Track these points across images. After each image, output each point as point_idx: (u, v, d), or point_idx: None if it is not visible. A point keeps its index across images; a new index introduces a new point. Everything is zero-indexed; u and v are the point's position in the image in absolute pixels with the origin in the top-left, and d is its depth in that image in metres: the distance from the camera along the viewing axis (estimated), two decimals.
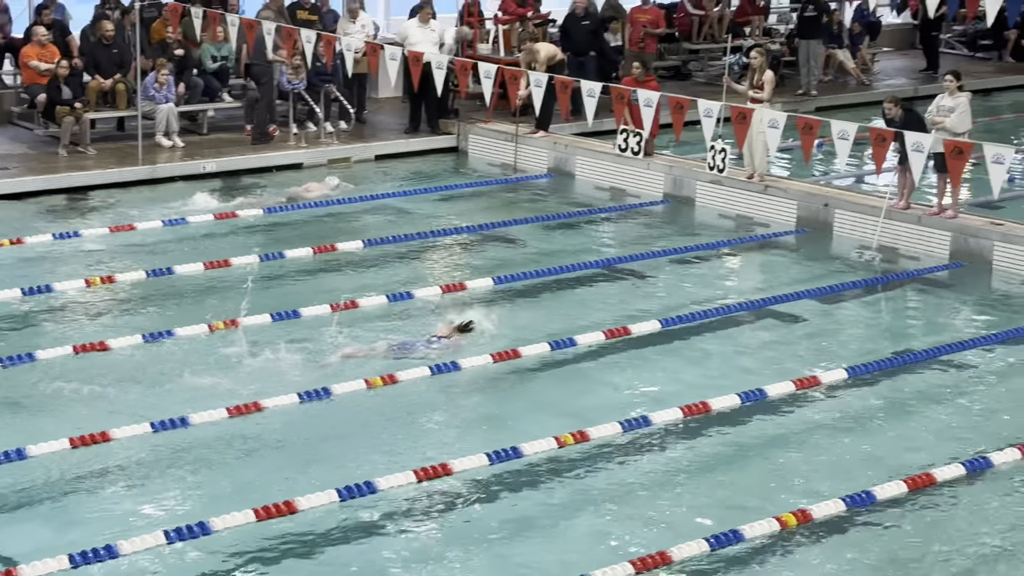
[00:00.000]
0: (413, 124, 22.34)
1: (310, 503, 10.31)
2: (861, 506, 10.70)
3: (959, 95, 17.25)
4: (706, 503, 10.89)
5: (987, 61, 30.82)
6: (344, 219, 18.39)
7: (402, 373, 12.79)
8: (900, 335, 14.83)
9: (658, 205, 19.64)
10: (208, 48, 21.69)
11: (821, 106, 25.01)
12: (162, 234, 17.27)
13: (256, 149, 20.91)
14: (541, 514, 10.64)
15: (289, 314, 14.26)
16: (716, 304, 15.18)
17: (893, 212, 17.66)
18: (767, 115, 17.93)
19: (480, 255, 17.15)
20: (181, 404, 12.07)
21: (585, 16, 23.71)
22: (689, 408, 12.23)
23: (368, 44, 20.80)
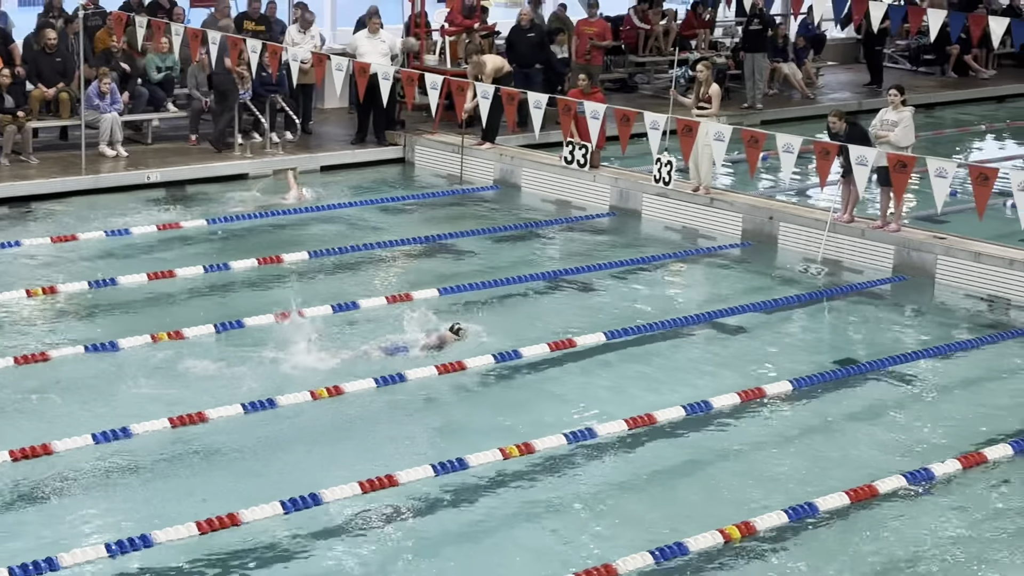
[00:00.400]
0: (360, 135, 22.29)
1: (254, 515, 10.25)
2: (804, 517, 10.75)
3: (903, 109, 17.40)
4: (651, 515, 10.90)
5: (930, 76, 31.12)
6: (289, 230, 18.31)
7: (347, 384, 12.76)
8: (844, 348, 14.92)
9: (604, 217, 19.68)
10: (153, 58, 21.56)
11: (766, 119, 25.17)
12: (105, 244, 17.14)
13: (200, 159, 20.79)
14: (486, 526, 10.62)
15: (233, 324, 14.21)
16: (661, 316, 15.22)
17: (837, 225, 17.78)
18: (713, 128, 18.01)
19: (426, 267, 17.12)
20: (124, 415, 11.97)
21: (531, 28, 23.75)
22: (634, 420, 12.26)
23: (315, 55, 20.75)
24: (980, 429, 12.75)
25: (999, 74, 31.62)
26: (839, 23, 30.23)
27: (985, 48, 30.47)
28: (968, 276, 16.79)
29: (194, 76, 21.36)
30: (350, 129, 22.73)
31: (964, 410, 13.27)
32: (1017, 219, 15.56)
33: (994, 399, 13.59)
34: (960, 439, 12.49)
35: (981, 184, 15.88)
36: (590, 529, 10.65)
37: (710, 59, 22.26)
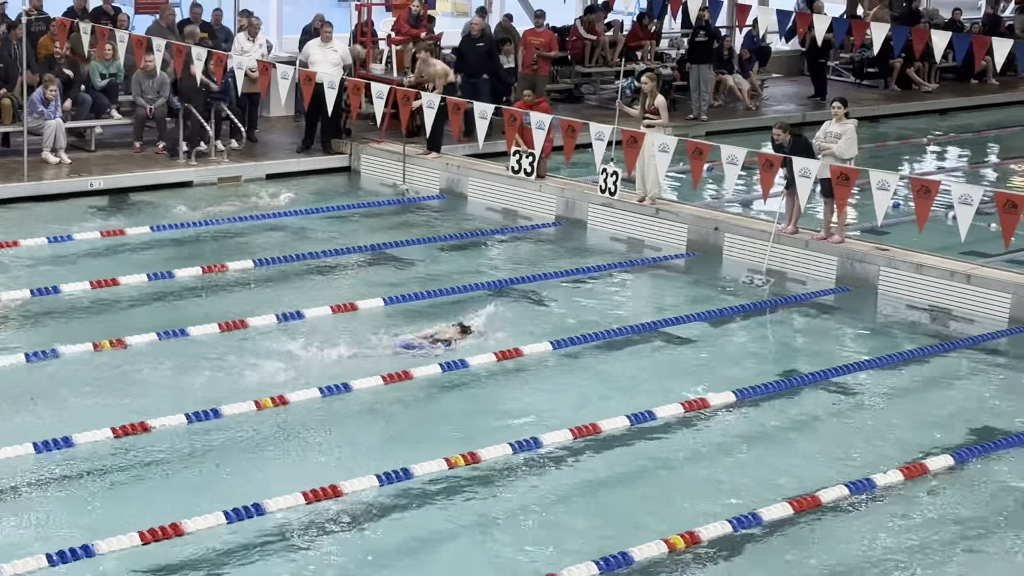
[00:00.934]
0: (306, 143, 22.22)
1: (197, 525, 10.20)
2: (748, 527, 10.81)
3: (846, 122, 17.54)
4: (596, 525, 10.92)
5: (873, 89, 31.37)
6: (235, 239, 18.23)
7: (292, 394, 12.72)
8: (787, 358, 15.01)
9: (550, 227, 19.71)
10: (97, 65, 21.42)
11: (711, 131, 25.29)
12: (47, 251, 17.01)
13: (144, 166, 20.66)
14: (432, 536, 10.60)
15: (176, 333, 14.13)
16: (606, 326, 15.25)
17: (781, 236, 17.89)
18: (658, 139, 18.08)
19: (371, 276, 17.09)
20: (66, 424, 11.88)
21: (481, 38, 23.77)
22: (579, 430, 12.29)
23: (260, 63, 20.69)
24: (922, 440, 12.85)
25: (941, 87, 31.91)
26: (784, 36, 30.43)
27: (927, 62, 30.75)
28: (910, 287, 16.94)
29: (138, 83, 21.22)
30: (296, 137, 22.66)
31: (906, 421, 13.37)
32: (958, 231, 15.72)
33: (935, 410, 13.71)
34: (902, 450, 12.59)
35: (923, 196, 16.04)
36: (536, 538, 10.66)
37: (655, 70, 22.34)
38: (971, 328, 16.15)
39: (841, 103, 17.71)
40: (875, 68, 31.48)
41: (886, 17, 30.59)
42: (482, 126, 19.28)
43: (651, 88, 19.31)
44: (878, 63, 30.93)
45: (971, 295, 16.50)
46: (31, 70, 20.56)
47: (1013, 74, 31.39)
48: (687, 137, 19.22)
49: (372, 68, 23.77)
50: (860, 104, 27.76)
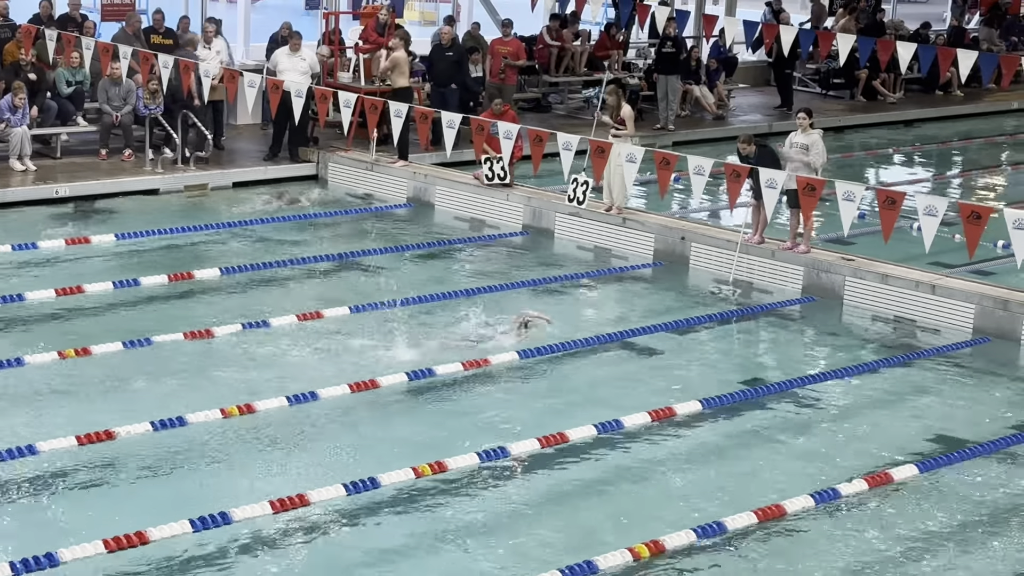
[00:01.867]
0: (273, 151, 22.19)
1: (162, 533, 10.16)
2: (712, 536, 10.84)
3: (811, 132, 17.61)
4: (562, 534, 10.93)
5: (839, 100, 31.53)
6: (201, 246, 18.18)
7: (259, 402, 12.68)
8: (753, 368, 15.07)
9: (517, 236, 19.73)
10: (63, 72, 21.33)
11: (678, 140, 25.36)
12: (12, 259, 16.92)
13: (110, 174, 20.59)
14: (398, 545, 10.59)
15: (141, 342, 14.08)
16: (573, 335, 15.27)
17: (748, 247, 17.96)
18: (625, 149, 18.12)
19: (338, 284, 17.07)
20: (29, 432, 11.82)
21: (451, 47, 23.79)
22: (546, 439, 12.29)
23: (226, 71, 20.65)
24: (887, 449, 12.91)
25: (906, 98, 32.10)
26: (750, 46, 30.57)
27: (893, 73, 30.93)
28: (875, 297, 17.02)
29: (104, 90, 21.15)
30: (263, 145, 22.62)
31: (871, 430, 13.43)
32: (922, 241, 15.81)
33: (901, 419, 13.78)
34: (867, 459, 12.65)
35: (888, 207, 16.12)
36: (502, 547, 10.66)
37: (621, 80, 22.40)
38: (936, 338, 16.24)
39: (806, 114, 17.79)
40: (841, 79, 31.65)
41: (852, 28, 30.77)
42: (450, 135, 19.30)
43: (615, 101, 19.34)
44: (844, 74, 31.09)
45: (936, 305, 16.59)
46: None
47: (977, 85, 31.59)
48: (654, 147, 19.28)
49: (340, 76, 23.76)
50: (826, 114, 27.92)
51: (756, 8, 33.16)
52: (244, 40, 26.85)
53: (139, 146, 21.52)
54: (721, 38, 28.22)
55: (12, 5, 22.28)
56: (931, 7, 45.38)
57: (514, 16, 26.66)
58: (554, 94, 27.97)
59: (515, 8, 28.09)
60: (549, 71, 27.75)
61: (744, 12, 31.23)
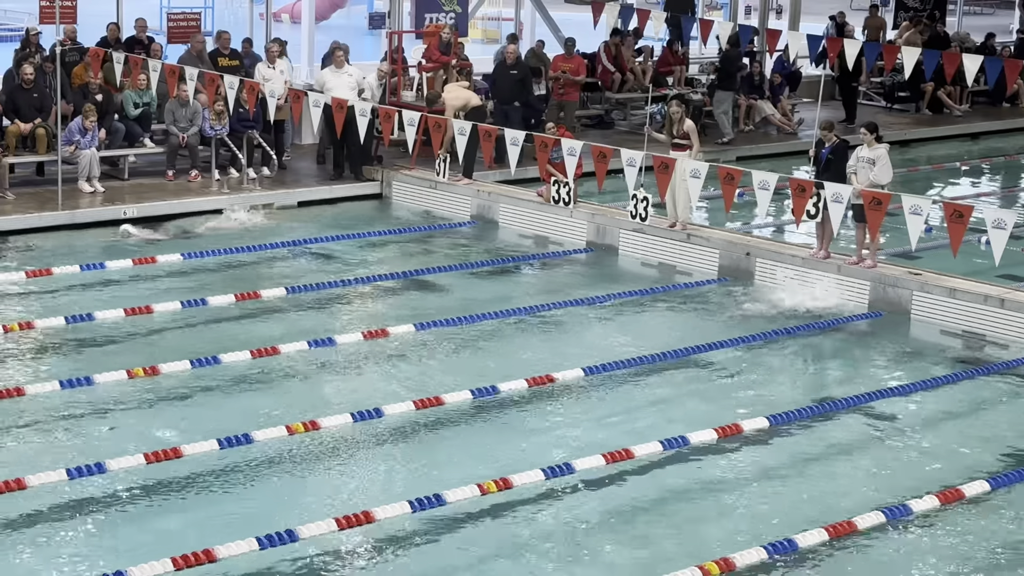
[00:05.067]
0: (337, 171, 22.31)
1: (229, 551, 10.19)
2: (783, 553, 10.74)
3: (877, 146, 17.49)
4: (629, 551, 10.88)
5: (904, 113, 31.30)
6: (267, 266, 18.29)
7: (324, 419, 12.72)
8: (821, 384, 14.96)
9: (581, 253, 19.71)
10: (130, 95, 21.55)
11: (742, 155, 25.27)
12: (81, 279, 17.10)
13: (177, 195, 20.78)
14: (463, 562, 10.57)
15: (209, 360, 14.17)
16: (638, 352, 15.22)
17: (813, 261, 17.83)
18: (689, 165, 18.07)
19: (403, 302, 17.11)
20: (99, 450, 11.93)
21: (515, 66, 23.83)
22: (612, 455, 12.24)
23: (292, 91, 20.79)
24: (957, 465, 12.77)
25: (973, 111, 31.84)
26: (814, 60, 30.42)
27: (959, 85, 30.68)
28: (943, 312, 16.86)
29: (171, 112, 21.36)
30: (327, 165, 22.72)
31: (941, 446, 13.29)
32: (991, 255, 15.64)
33: (970, 435, 13.62)
34: (938, 475, 12.52)
35: (956, 221, 15.97)
36: (569, 564, 10.62)
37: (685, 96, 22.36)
38: (1005, 353, 16.06)
39: (868, 129, 17.66)
40: (906, 92, 31.43)
41: (917, 41, 30.55)
42: (514, 153, 19.33)
43: (679, 115, 19.30)
44: (909, 87, 30.87)
45: (1005, 319, 16.41)
46: (65, 100, 20.71)
47: None
48: (718, 163, 19.20)
49: (403, 95, 23.86)
50: (891, 128, 27.71)
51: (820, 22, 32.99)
52: (308, 60, 27.06)
53: (205, 166, 21.71)
54: (785, 53, 28.12)
55: (80, 29, 22.54)
56: (997, 18, 45.02)
57: (577, 33, 26.66)
58: (617, 110, 27.95)
59: (578, 25, 28.14)
60: (612, 88, 27.74)
61: (808, 26, 31.09)
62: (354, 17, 48.03)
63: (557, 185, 20.16)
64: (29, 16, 31.00)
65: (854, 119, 28.52)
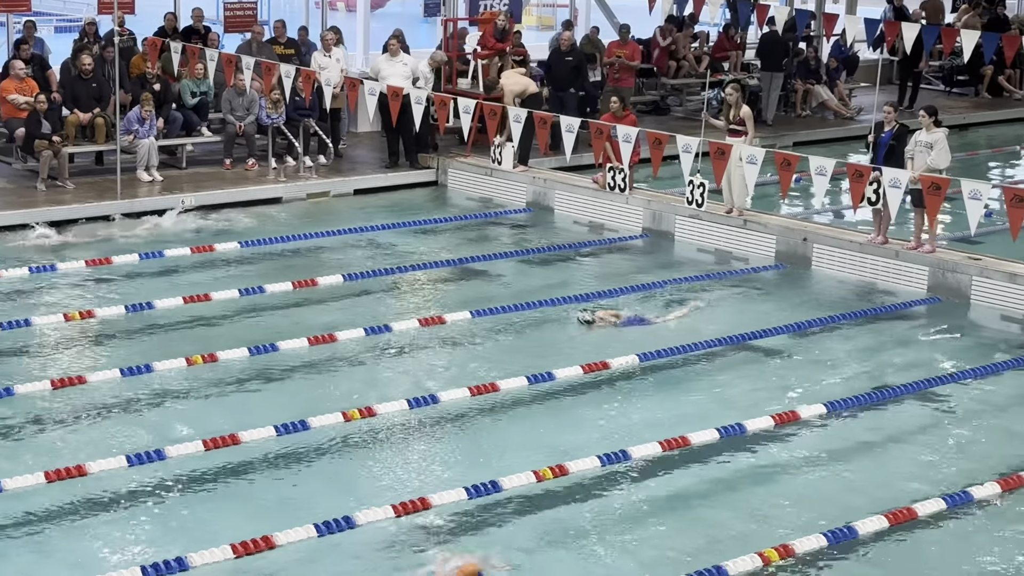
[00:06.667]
0: (392, 159, 22.35)
1: (288, 538, 10.27)
2: (843, 540, 10.69)
3: (936, 131, 17.33)
4: (687, 538, 10.85)
5: (963, 97, 31.01)
6: (324, 253, 18.37)
7: (380, 406, 12.77)
8: (879, 370, 14.85)
9: (637, 240, 19.67)
10: (188, 84, 21.68)
11: (799, 141, 25.12)
12: (140, 268, 17.23)
13: (235, 183, 20.89)
14: (519, 549, 10.57)
15: (267, 348, 14.25)
16: (695, 338, 15.17)
17: (871, 247, 17.72)
18: (745, 151, 17.99)
19: (458, 289, 17.14)
20: (158, 437, 12.03)
21: (570, 52, 23.79)
22: (668, 442, 12.22)
23: (347, 79, 20.85)
24: (1019, 451, 12.66)
25: None
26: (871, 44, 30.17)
27: (1018, 68, 30.34)
28: (1003, 297, 16.70)
29: (228, 101, 21.48)
30: (383, 153, 22.79)
31: (1001, 431, 13.19)
32: None
33: None
34: (998, 461, 12.41)
35: (1016, 205, 15.81)
36: (626, 552, 10.61)
37: (741, 81, 22.23)
38: None
39: (927, 112, 17.51)
40: (965, 76, 31.12)
41: (976, 24, 30.23)
42: (569, 139, 19.31)
43: (735, 99, 19.21)
44: (968, 71, 30.57)
45: None
46: (123, 89, 20.87)
47: None
48: (775, 148, 19.10)
49: (459, 83, 23.87)
50: (950, 112, 27.47)
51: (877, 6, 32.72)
52: (363, 48, 27.12)
53: (262, 155, 21.82)
54: (842, 37, 27.91)
55: (139, 20, 22.69)
56: None
57: (632, 19, 26.57)
58: (672, 96, 27.85)
59: (633, 12, 28.04)
60: (667, 74, 27.64)
61: (865, 10, 30.84)
62: (409, 5, 47.89)
63: (613, 172, 20.12)
64: (88, 6, 31.21)
65: (913, 103, 28.28)
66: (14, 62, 20.69)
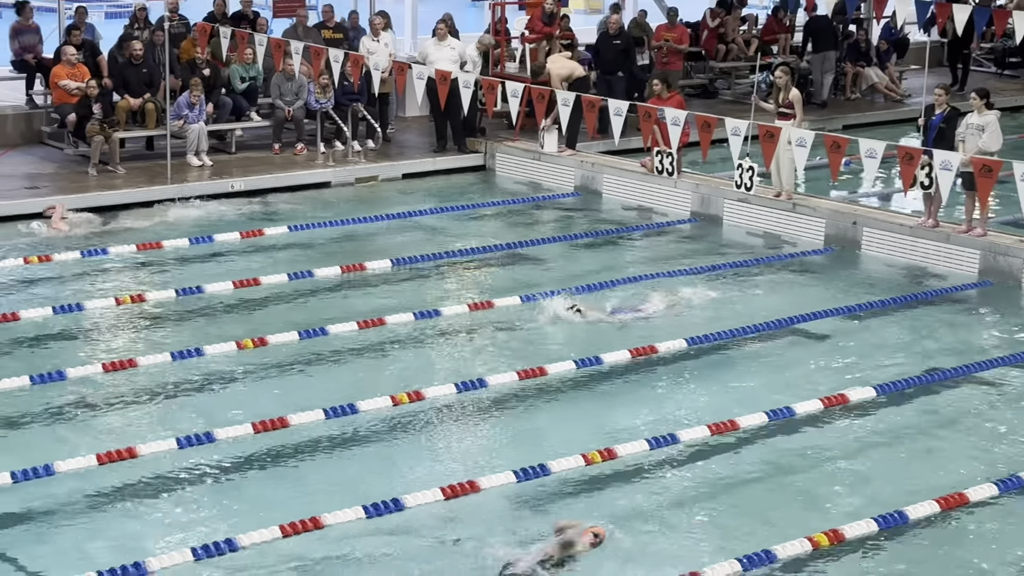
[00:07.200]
0: (440, 143, 22.37)
1: (336, 519, 10.32)
2: (893, 526, 10.63)
3: (987, 113, 17.19)
4: (736, 522, 10.82)
5: (1015, 79, 30.71)
6: (372, 238, 18.42)
7: (428, 389, 12.81)
8: (929, 353, 14.75)
9: (685, 224, 19.62)
10: (237, 69, 21.77)
11: (849, 124, 24.97)
12: (190, 252, 17.33)
13: (284, 168, 20.98)
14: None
15: (316, 332, 14.31)
16: (743, 322, 15.12)
17: (921, 230, 17.60)
18: (794, 134, 17.89)
19: (507, 274, 17.15)
20: (207, 420, 12.11)
21: (618, 35, 23.74)
22: (717, 426, 12.19)
23: (396, 63, 20.88)
24: None
25: None
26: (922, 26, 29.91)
27: None
28: None
29: (277, 86, 21.55)
30: (431, 137, 22.81)
31: None
32: None
33: None
34: None
35: None
36: (675, 536, 10.60)
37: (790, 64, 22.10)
38: None
39: (978, 95, 17.36)
40: (1017, 57, 30.81)
41: None
42: (617, 123, 19.26)
43: (784, 82, 19.12)
44: (1020, 52, 30.25)
45: None
46: (173, 75, 20.98)
47: None
48: (824, 131, 19.00)
49: (507, 67, 23.85)
50: (1002, 95, 27.16)
51: None
52: (412, 33, 27.14)
53: (311, 140, 21.89)
54: (892, 19, 27.68)
55: (188, 5, 22.80)
56: None
57: (680, 2, 26.45)
58: (721, 80, 27.73)
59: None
60: (715, 57, 27.52)
61: None
62: None
63: (661, 155, 20.06)
64: None
65: (964, 86, 28.04)
66: (66, 48, 20.84)
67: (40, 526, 10.40)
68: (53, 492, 10.83)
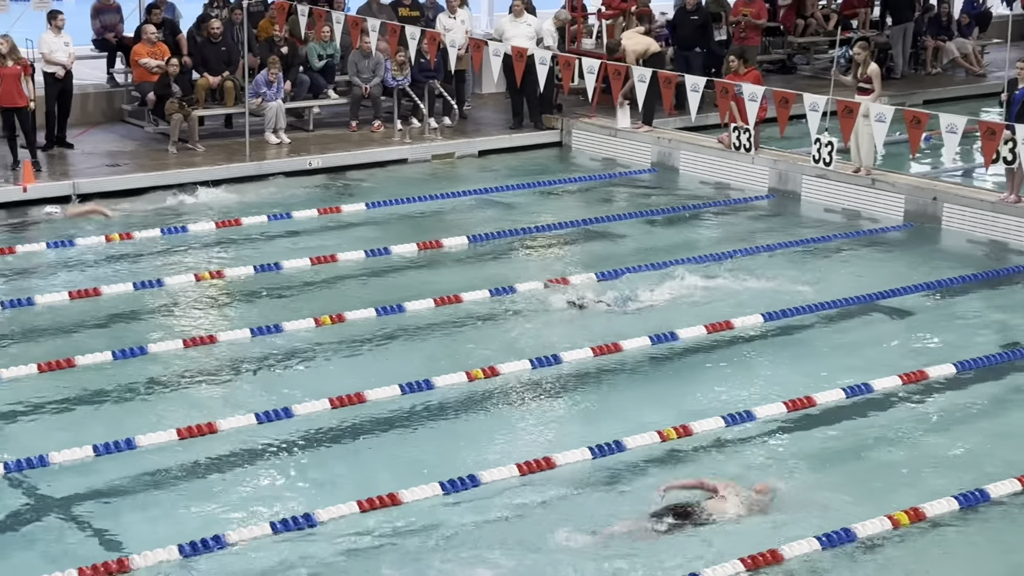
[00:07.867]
0: (517, 119, 22.37)
1: (414, 496, 10.38)
2: (974, 504, 10.53)
3: None
4: (814, 500, 10.74)
5: None
6: (448, 215, 18.46)
7: (502, 366, 12.83)
8: (1009, 330, 14.58)
9: (763, 200, 19.50)
10: (315, 47, 21.88)
11: (929, 99, 24.68)
12: (268, 229, 17.46)
13: (361, 145, 21.07)
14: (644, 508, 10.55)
15: (393, 309, 14.38)
16: (821, 298, 15.02)
17: (1003, 206, 17.38)
18: (873, 109, 17.71)
19: (583, 250, 17.13)
20: (286, 396, 12.21)
21: (695, 11, 23.60)
22: (793, 403, 12.13)
23: (472, 40, 20.89)
24: None
25: None
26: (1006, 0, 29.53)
27: None
28: None
29: (354, 63, 21.64)
30: (507, 114, 22.81)
31: None
32: None
33: None
34: None
35: None
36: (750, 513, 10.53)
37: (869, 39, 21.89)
38: None
39: None
40: None
41: None
42: (694, 99, 19.17)
43: (864, 57, 18.93)
44: None
45: None
46: (252, 53, 21.12)
47: None
48: (904, 106, 18.80)
49: (583, 43, 23.78)
50: None
51: None
52: (488, 10, 27.14)
53: (387, 117, 21.97)
54: None
55: None
56: None
57: None
58: (799, 55, 27.49)
59: None
60: (793, 32, 27.29)
61: None
62: None
63: (738, 131, 19.94)
64: None
65: None
66: (146, 26, 21.04)
67: (121, 499, 10.54)
68: (134, 466, 10.97)
